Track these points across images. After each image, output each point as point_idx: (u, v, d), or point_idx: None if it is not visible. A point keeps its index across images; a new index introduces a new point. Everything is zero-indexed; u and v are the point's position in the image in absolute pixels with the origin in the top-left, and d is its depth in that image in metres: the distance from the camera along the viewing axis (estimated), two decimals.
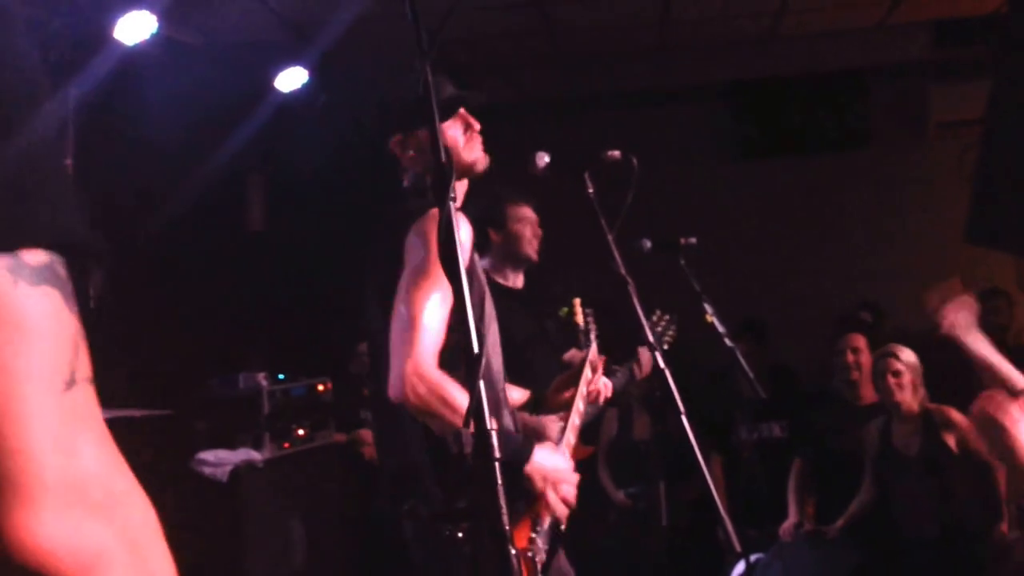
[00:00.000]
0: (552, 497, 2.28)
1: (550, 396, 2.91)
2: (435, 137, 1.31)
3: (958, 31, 6.50)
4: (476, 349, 1.24)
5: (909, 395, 4.40)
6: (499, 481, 1.22)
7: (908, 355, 4.47)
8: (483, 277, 2.46)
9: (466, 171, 2.50)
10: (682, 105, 7.05)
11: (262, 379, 4.86)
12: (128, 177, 4.84)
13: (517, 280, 3.87)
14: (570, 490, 2.32)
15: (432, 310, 2.15)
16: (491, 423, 1.27)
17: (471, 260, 2.35)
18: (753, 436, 5.46)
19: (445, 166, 1.29)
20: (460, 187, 2.54)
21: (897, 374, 4.42)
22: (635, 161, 2.93)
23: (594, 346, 3.18)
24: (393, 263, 2.25)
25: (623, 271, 2.84)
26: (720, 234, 6.03)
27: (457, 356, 2.24)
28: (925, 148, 6.95)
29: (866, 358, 4.87)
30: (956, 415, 4.29)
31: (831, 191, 6.99)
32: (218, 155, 5.36)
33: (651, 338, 2.93)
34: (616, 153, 2.99)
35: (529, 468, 2.24)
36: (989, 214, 4.02)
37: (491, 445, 1.23)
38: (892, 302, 6.43)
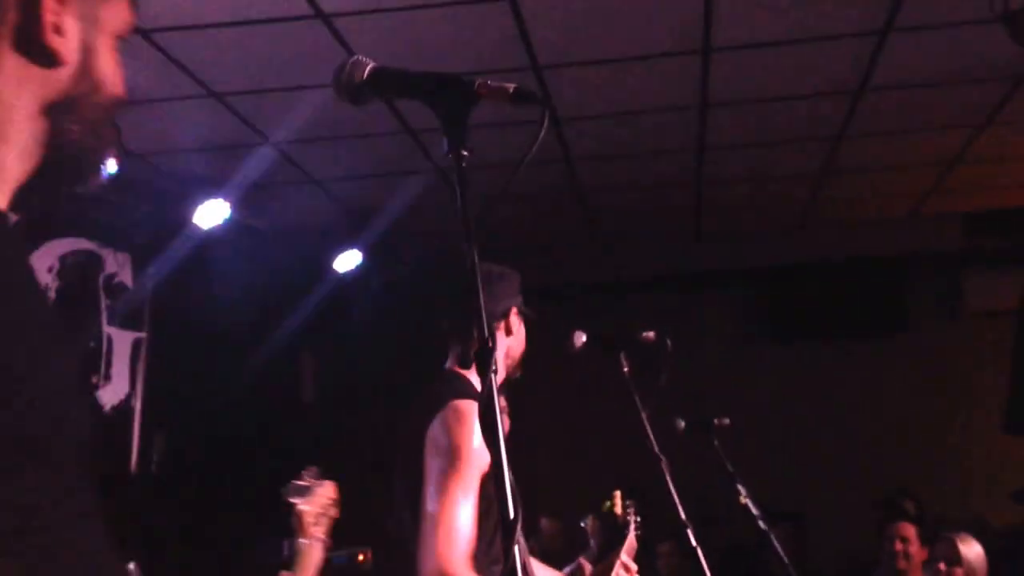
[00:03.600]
0: None
1: None
2: (479, 314, 1.37)
3: (989, 222, 6.67)
4: (512, 514, 1.26)
5: None
6: None
7: (972, 548, 4.27)
8: None
9: (516, 369, 2.67)
10: (718, 289, 7.22)
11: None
12: (195, 349, 5.12)
13: None
14: None
15: (460, 510, 2.21)
16: None
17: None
18: None
19: (488, 341, 1.36)
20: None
21: (950, 563, 4.23)
22: (669, 342, 3.08)
23: (631, 538, 3.19)
24: (416, 449, 2.36)
25: (656, 448, 2.94)
26: (754, 416, 6.06)
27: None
28: (961, 335, 6.99)
29: (915, 548, 4.75)
30: None
31: (867, 376, 7.01)
32: (278, 331, 5.63)
33: (684, 516, 3.01)
34: (651, 334, 3.10)
35: None
36: None
37: None
38: (930, 490, 6.37)
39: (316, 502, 1.69)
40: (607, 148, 5.40)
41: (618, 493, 3.48)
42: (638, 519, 3.45)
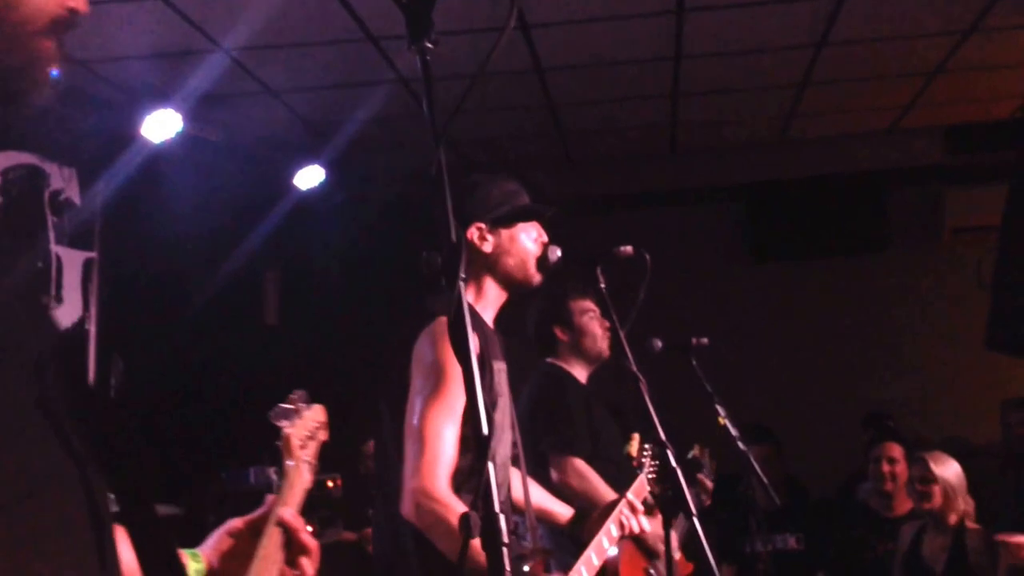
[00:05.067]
0: None
1: (593, 519, 2.83)
2: (446, 217, 1.30)
3: (971, 136, 6.57)
4: (486, 431, 1.22)
5: (939, 505, 4.19)
6: (507, 567, 1.18)
7: (945, 466, 4.25)
8: (503, 384, 2.46)
9: (523, 282, 2.55)
10: (695, 207, 7.10)
11: (273, 474, 4.82)
12: (150, 269, 4.93)
13: (584, 376, 3.82)
14: None
15: (444, 428, 2.18)
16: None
17: (490, 366, 2.36)
18: (768, 547, 5.30)
19: (456, 245, 1.29)
20: (498, 298, 2.56)
21: (925, 481, 4.23)
22: (648, 256, 2.94)
23: (641, 482, 3.09)
24: (403, 368, 2.30)
25: (634, 368, 2.83)
26: (733, 336, 5.98)
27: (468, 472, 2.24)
28: (941, 253, 6.93)
29: (901, 468, 4.73)
30: (1001, 539, 3.89)
31: (846, 295, 6.95)
32: (237, 250, 5.44)
33: (663, 436, 2.91)
34: (628, 248, 2.95)
35: None
36: (1009, 321, 3.97)
37: (499, 529, 1.19)
38: (912, 408, 6.36)
39: (304, 425, 1.65)
40: (578, 57, 5.21)
41: (636, 436, 3.37)
42: (655, 463, 3.37)
